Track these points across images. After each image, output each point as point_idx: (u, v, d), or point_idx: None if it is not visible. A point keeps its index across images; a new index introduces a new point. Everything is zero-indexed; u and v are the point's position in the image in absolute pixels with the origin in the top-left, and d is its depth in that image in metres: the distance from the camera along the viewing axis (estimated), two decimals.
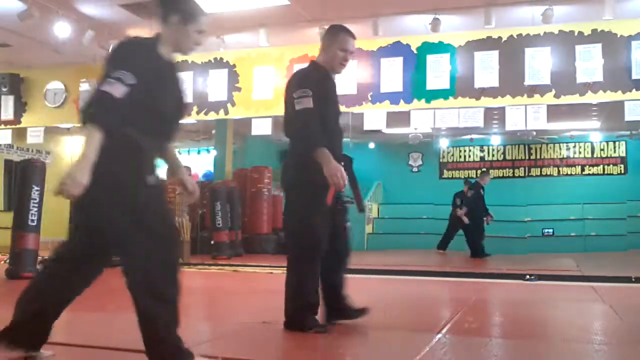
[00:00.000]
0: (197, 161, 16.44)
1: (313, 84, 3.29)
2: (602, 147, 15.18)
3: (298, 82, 3.34)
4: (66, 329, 3.82)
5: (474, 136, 15.16)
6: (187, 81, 8.66)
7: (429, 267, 8.15)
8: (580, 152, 15.34)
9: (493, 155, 15.92)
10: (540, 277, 6.69)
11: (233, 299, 5.15)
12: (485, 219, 10.53)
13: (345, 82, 7.88)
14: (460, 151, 16.17)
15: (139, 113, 2.35)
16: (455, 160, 16.31)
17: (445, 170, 16.38)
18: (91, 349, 2.93)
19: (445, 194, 11.79)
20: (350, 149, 13.77)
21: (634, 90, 7.01)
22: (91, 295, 2.55)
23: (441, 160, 16.44)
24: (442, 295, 5.71)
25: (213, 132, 12.54)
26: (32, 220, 6.40)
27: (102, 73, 2.34)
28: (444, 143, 15.55)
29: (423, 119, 7.96)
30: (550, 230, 13.91)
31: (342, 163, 3.32)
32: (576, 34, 7.22)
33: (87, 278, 2.58)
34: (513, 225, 13.65)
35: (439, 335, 3.29)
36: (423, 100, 7.70)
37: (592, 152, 15.26)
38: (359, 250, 13.68)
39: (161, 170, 2.57)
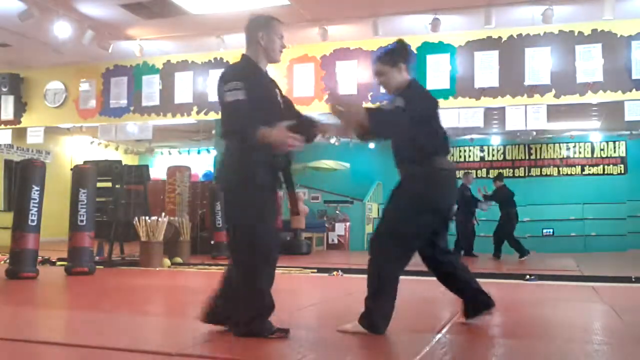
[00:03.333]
0: (197, 161, 16.45)
1: (244, 77, 3.05)
2: (602, 147, 15.17)
3: (230, 76, 3.06)
4: (64, 329, 3.82)
5: (474, 136, 15.14)
6: (187, 81, 8.67)
7: None
8: (580, 152, 15.34)
9: (493, 155, 15.91)
10: (540, 277, 6.69)
11: None
12: (472, 219, 10.63)
13: (346, 82, 7.88)
14: (460, 151, 16.17)
15: None
16: (455, 160, 16.28)
17: None
18: (90, 349, 2.93)
19: None
20: (350, 149, 13.75)
21: (634, 90, 7.01)
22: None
23: None
24: (442, 295, 5.70)
25: (213, 132, 12.54)
26: (32, 221, 6.39)
27: None
28: None
29: None
30: (550, 230, 13.90)
31: (283, 162, 3.12)
32: (576, 34, 7.22)
33: None
34: None
35: (439, 335, 3.29)
36: None
37: (592, 152, 15.25)
38: (359, 250, 13.68)
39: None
